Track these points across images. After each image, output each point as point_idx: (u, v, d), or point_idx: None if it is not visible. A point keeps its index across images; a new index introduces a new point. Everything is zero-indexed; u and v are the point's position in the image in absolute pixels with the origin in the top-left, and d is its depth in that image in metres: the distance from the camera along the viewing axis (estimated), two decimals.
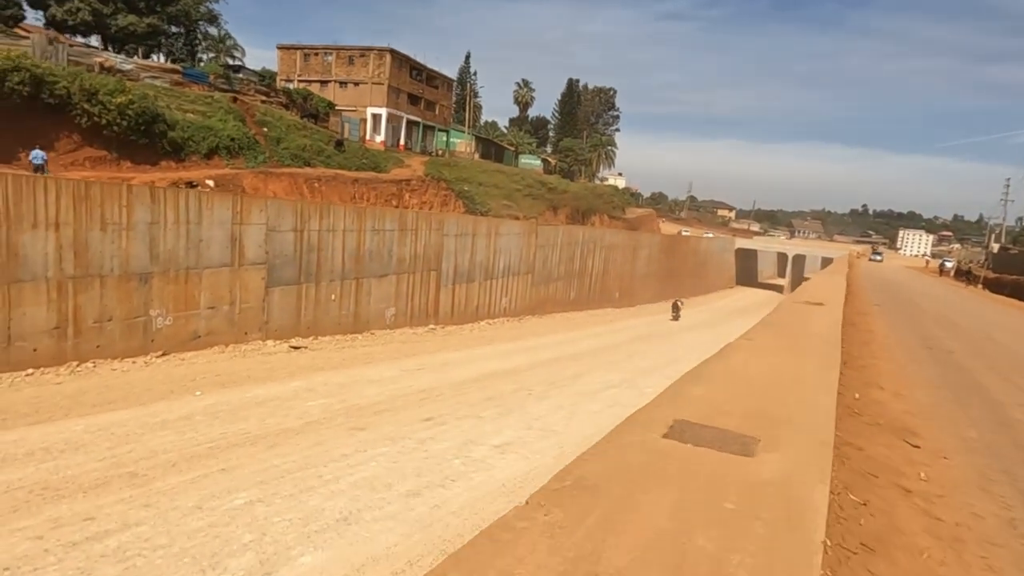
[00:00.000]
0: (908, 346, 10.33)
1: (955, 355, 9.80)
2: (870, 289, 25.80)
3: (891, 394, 6.38)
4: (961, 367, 8.99)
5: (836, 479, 3.56)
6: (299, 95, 42.54)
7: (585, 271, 38.62)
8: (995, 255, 63.69)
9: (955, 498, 3.79)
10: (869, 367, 7.61)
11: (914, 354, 9.50)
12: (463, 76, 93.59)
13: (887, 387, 6.65)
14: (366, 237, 21.09)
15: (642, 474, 2.34)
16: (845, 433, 4.63)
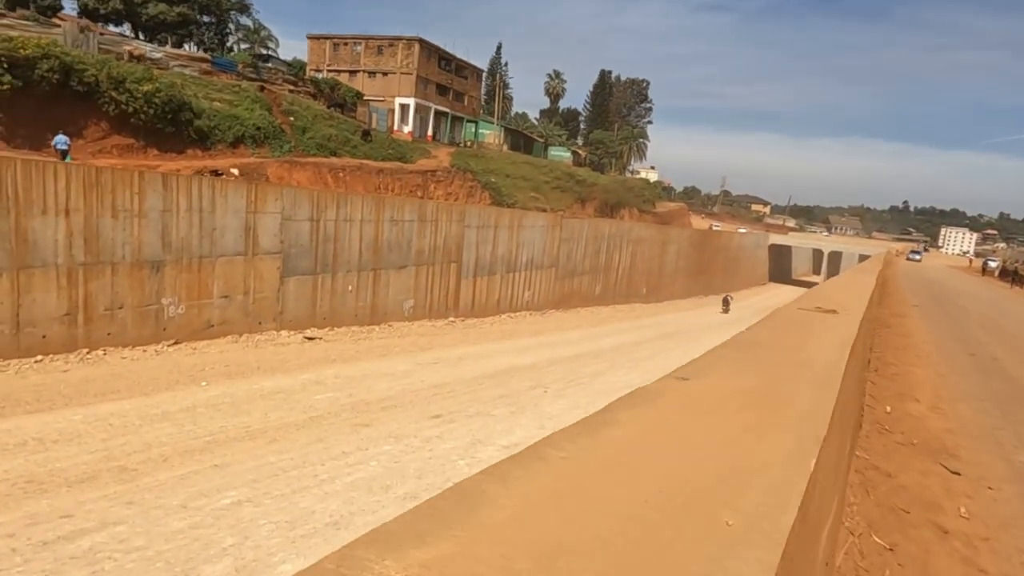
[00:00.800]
0: (948, 351, 9.55)
1: (1001, 363, 9.01)
2: (908, 288, 24.66)
3: (928, 407, 5.73)
4: (1009, 377, 8.23)
5: (858, 516, 3.03)
6: (326, 84, 42.47)
7: (611, 265, 37.88)
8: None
9: (1003, 541, 3.21)
10: (903, 375, 6.94)
11: (955, 361, 8.75)
12: (494, 67, 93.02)
13: (924, 399, 6.00)
14: (384, 227, 20.76)
15: None
16: (872, 455, 4.06)
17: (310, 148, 35.61)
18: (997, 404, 6.37)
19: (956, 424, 5.33)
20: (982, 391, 6.93)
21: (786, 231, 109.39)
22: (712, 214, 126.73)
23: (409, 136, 48.56)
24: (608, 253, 37.51)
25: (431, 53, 51.75)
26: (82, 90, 26.65)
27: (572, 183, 60.54)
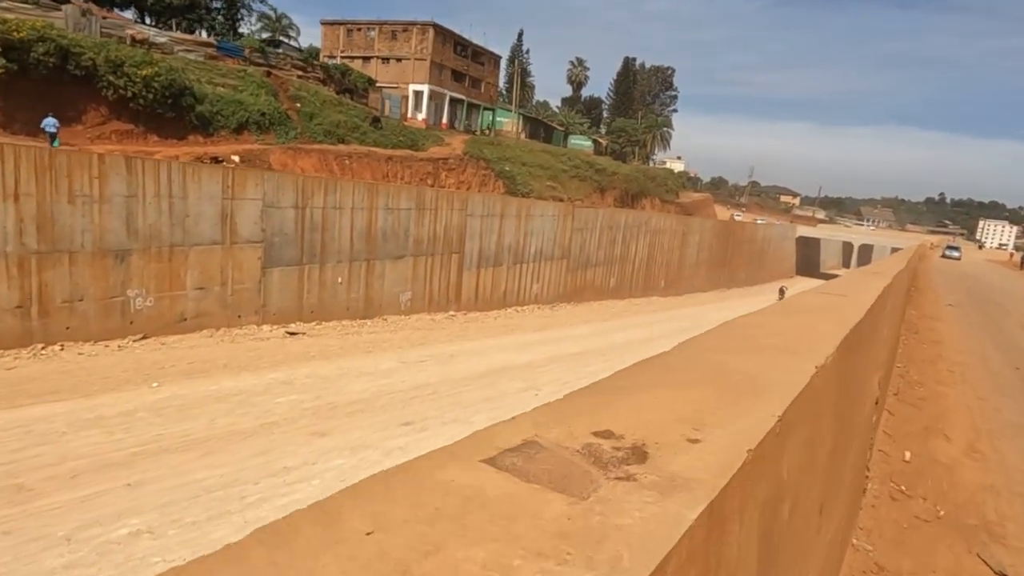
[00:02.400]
0: (988, 363, 8.15)
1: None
2: (943, 285, 22.90)
3: (962, 450, 4.44)
4: None
5: None
6: (337, 70, 41.50)
7: (627, 257, 36.44)
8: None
9: None
10: (932, 399, 5.63)
11: (997, 377, 7.36)
12: (515, 54, 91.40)
13: (957, 435, 4.71)
14: (378, 216, 19.68)
15: None
16: (879, 539, 2.83)
17: (317, 135, 34.68)
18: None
19: (1000, 476, 4.03)
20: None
21: (815, 223, 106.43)
22: (739, 205, 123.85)
23: (423, 123, 47.43)
24: (624, 244, 36.07)
25: (446, 39, 50.49)
26: (80, 74, 25.95)
27: (592, 172, 58.92)
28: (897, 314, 6.37)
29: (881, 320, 2.98)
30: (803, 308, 2.32)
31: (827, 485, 2.04)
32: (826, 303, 2.53)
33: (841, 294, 2.73)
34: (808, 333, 1.93)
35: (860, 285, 2.98)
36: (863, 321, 2.15)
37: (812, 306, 2.43)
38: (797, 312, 2.15)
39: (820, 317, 2.08)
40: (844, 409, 2.22)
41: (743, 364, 1.51)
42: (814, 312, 2.07)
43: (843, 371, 2.00)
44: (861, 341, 2.29)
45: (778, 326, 1.95)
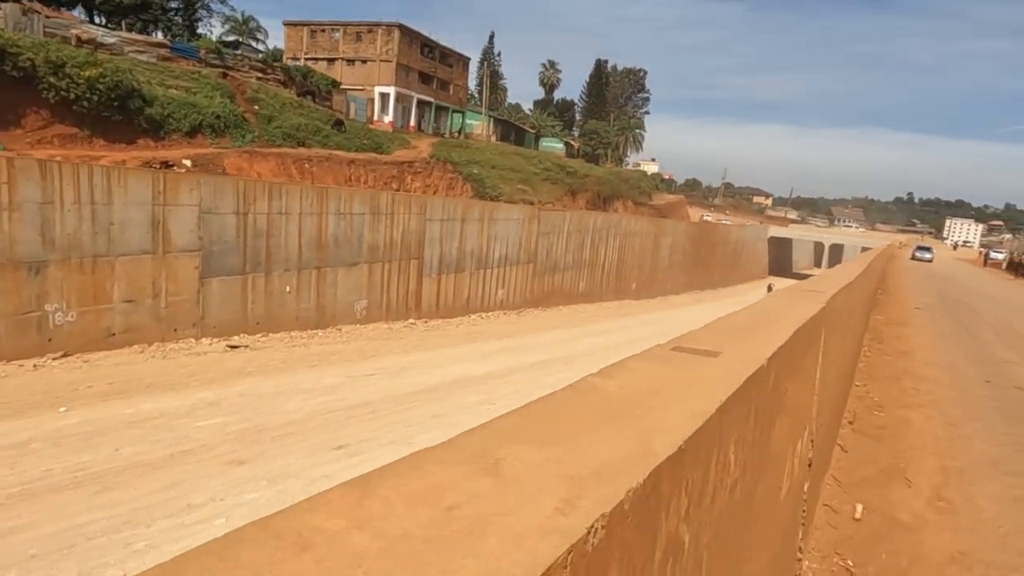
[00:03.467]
0: (959, 377, 7.49)
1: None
2: (911, 285, 22.58)
3: (927, 498, 3.71)
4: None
5: None
6: (298, 72, 40.40)
7: (597, 260, 35.85)
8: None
9: None
10: (893, 427, 4.92)
11: (968, 394, 6.69)
12: (486, 57, 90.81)
13: (921, 478, 3.99)
14: (329, 221, 18.75)
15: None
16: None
17: (276, 138, 33.57)
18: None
19: (973, 539, 3.29)
20: (1010, 453, 4.83)
21: (787, 223, 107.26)
22: (713, 206, 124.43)
23: (390, 126, 46.47)
24: (594, 247, 35.47)
25: (413, 40, 49.58)
26: (18, 75, 24.62)
27: (563, 175, 58.35)
28: (857, 326, 5.70)
29: (806, 357, 2.26)
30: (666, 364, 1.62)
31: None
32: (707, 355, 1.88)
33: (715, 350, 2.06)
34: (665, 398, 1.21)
35: (775, 315, 2.24)
36: (760, 372, 1.44)
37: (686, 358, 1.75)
38: (665, 364, 1.45)
39: (695, 375, 1.35)
40: (744, 493, 1.51)
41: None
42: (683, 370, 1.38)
43: (736, 436, 1.31)
44: (759, 400, 1.60)
45: (625, 390, 1.23)
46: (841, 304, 3.16)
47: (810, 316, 2.21)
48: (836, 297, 2.82)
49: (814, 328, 2.33)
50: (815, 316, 2.28)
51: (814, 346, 2.41)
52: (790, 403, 1.95)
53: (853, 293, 4.13)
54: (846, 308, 3.63)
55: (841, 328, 3.50)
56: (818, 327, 2.45)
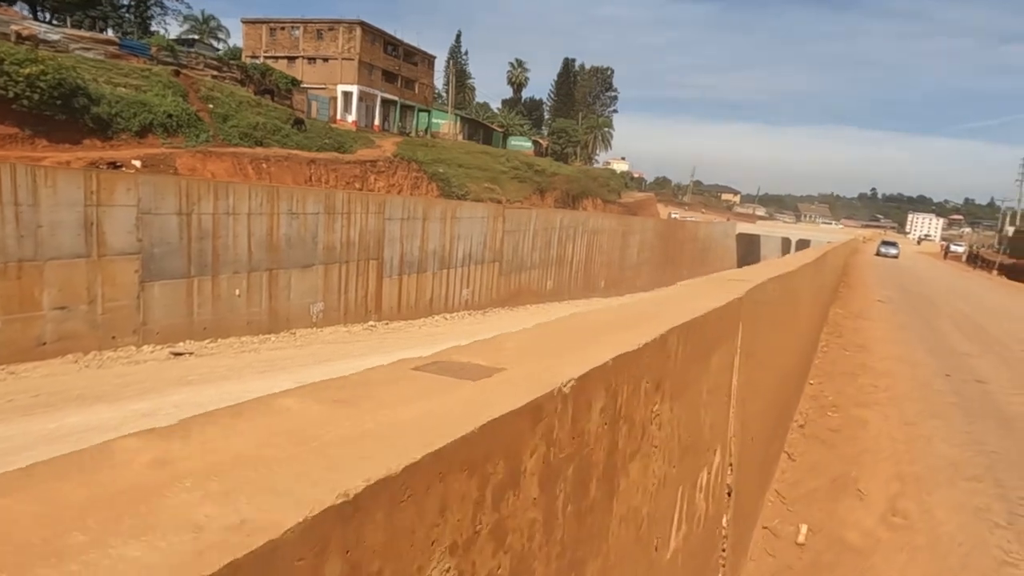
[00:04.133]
0: (919, 373, 7.18)
1: (990, 390, 6.64)
2: (874, 279, 22.60)
3: (881, 513, 3.30)
4: (1004, 417, 5.80)
5: None
6: (256, 70, 39.37)
7: (565, 258, 35.54)
8: (1011, 239, 60.11)
9: None
10: (847, 430, 4.54)
11: (928, 391, 6.35)
12: (453, 55, 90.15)
13: (875, 488, 3.58)
14: (280, 221, 18.05)
15: None
16: None
17: (232, 137, 32.56)
18: (995, 484, 3.94)
19: (931, 561, 2.88)
20: (970, 455, 4.47)
21: (755, 220, 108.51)
22: (682, 204, 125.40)
23: (353, 125, 45.58)
24: (561, 245, 35.16)
25: (375, 38, 48.71)
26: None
27: (531, 173, 58.03)
28: (809, 320, 5.34)
29: (706, 363, 1.81)
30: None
31: None
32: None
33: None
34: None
35: (658, 310, 1.80)
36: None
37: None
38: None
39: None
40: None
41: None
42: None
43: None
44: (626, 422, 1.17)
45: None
46: (776, 295, 2.74)
47: (710, 309, 1.76)
48: (765, 287, 2.38)
49: (723, 324, 1.89)
50: (721, 309, 1.83)
51: (724, 346, 1.96)
52: (673, 430, 1.51)
53: (798, 283, 3.72)
54: (787, 299, 3.21)
55: (781, 322, 3.09)
56: (731, 322, 2.01)
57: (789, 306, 3.38)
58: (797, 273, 3.55)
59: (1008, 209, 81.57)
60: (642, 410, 1.33)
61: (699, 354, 1.74)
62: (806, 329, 4.93)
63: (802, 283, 3.99)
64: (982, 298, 19.77)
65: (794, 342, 3.87)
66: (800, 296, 4.02)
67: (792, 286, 3.34)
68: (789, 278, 3.08)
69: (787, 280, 2.98)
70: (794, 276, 3.33)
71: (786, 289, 3.11)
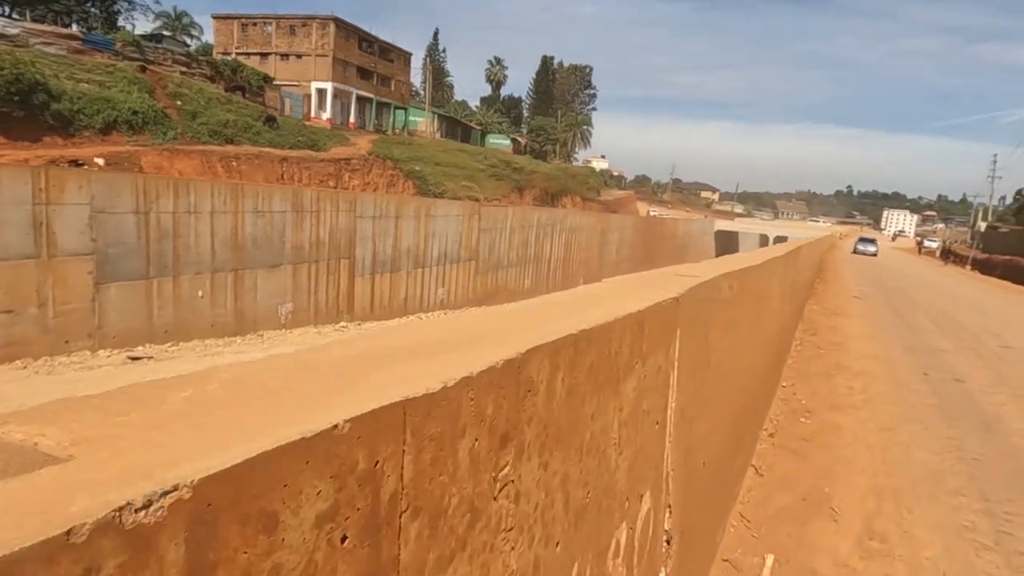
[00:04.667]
0: (896, 372, 6.90)
1: (968, 389, 6.39)
2: (850, 274, 22.55)
3: (856, 537, 2.95)
4: (985, 419, 5.48)
5: None
6: (227, 66, 38.52)
7: (542, 256, 35.23)
8: (983, 234, 60.95)
9: None
10: (820, 438, 4.22)
11: (906, 391, 6.05)
12: (430, 53, 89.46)
13: (849, 507, 3.26)
14: (246, 220, 17.48)
15: None
16: None
17: (201, 135, 31.76)
18: (980, 497, 3.63)
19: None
20: (952, 463, 4.16)
21: (733, 217, 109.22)
22: (661, 201, 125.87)
23: (328, 123, 44.87)
24: (539, 243, 34.84)
25: (350, 34, 47.96)
26: None
27: (509, 171, 57.67)
28: (780, 320, 5.01)
29: (626, 385, 1.41)
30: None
31: None
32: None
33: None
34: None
35: (530, 317, 1.42)
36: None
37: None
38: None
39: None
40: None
41: None
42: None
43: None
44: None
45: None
46: (733, 292, 2.39)
47: (618, 316, 1.38)
48: (716, 284, 1.99)
49: (646, 333, 1.52)
50: (641, 314, 1.45)
51: (650, 362, 1.59)
52: (549, 495, 1.09)
53: (763, 279, 3.37)
54: (748, 297, 2.86)
55: (742, 323, 2.74)
56: (662, 330, 1.64)
57: (752, 305, 3.03)
58: (761, 268, 3.20)
59: (980, 205, 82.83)
60: (467, 484, 0.93)
61: (599, 380, 1.35)
62: (776, 329, 4.61)
63: (769, 279, 3.65)
64: (957, 293, 19.76)
65: (761, 344, 3.53)
66: (767, 293, 3.68)
67: (754, 283, 2.99)
68: (749, 274, 2.73)
69: (747, 276, 2.64)
70: (757, 272, 2.98)
71: (746, 287, 2.76)
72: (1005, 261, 36.78)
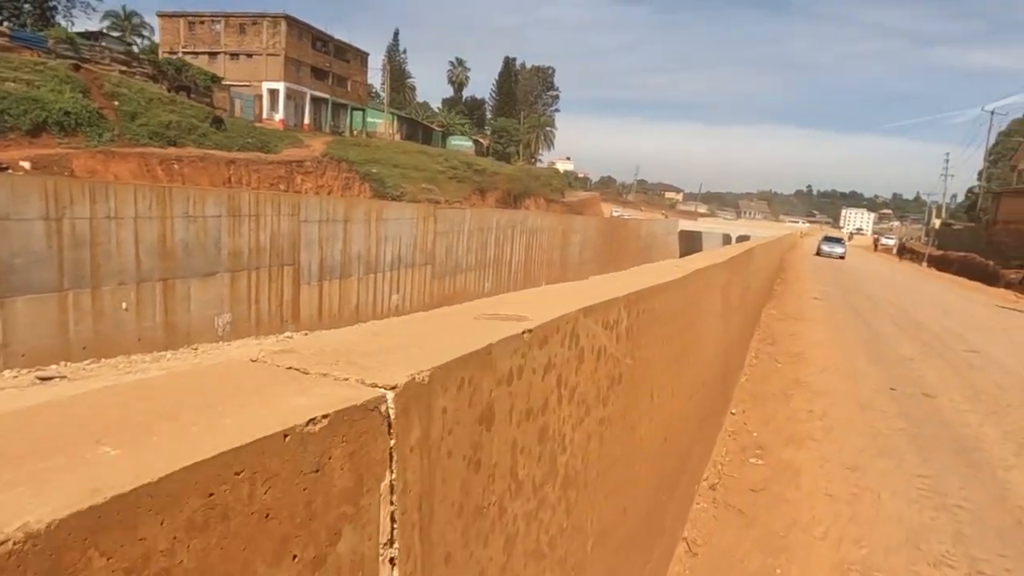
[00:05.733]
0: (862, 388, 6.21)
1: (938, 406, 5.72)
2: (810, 272, 22.24)
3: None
4: (965, 450, 4.77)
5: None
6: (171, 65, 36.90)
7: (503, 259, 34.40)
8: (938, 231, 62.21)
9: None
10: (775, 487, 3.47)
11: (872, 414, 5.34)
12: (391, 54, 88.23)
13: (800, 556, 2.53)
14: (175, 225, 16.30)
15: None
16: None
17: (141, 137, 30.22)
18: (970, 568, 2.89)
19: None
20: (931, 515, 3.43)
21: (696, 217, 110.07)
22: (627, 202, 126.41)
23: (280, 124, 43.47)
24: (499, 245, 34.00)
25: (303, 33, 46.57)
26: None
27: (471, 173, 56.85)
28: (736, 334, 4.31)
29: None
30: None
31: None
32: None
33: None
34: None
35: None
36: None
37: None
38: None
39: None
40: None
41: None
42: None
43: None
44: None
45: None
46: (647, 319, 1.66)
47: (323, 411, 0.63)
48: (552, 333, 1.18)
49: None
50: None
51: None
52: None
53: (691, 296, 2.60)
54: (676, 318, 2.14)
55: (670, 354, 2.01)
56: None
57: (682, 326, 2.30)
58: (684, 284, 2.42)
59: (933, 203, 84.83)
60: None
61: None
62: (721, 349, 3.86)
63: (703, 293, 2.90)
64: (916, 291, 19.55)
65: (694, 375, 2.77)
66: (705, 310, 2.94)
67: (674, 303, 2.22)
68: (660, 295, 1.97)
69: (655, 299, 1.88)
70: (674, 291, 2.21)
71: (670, 308, 2.02)
72: (960, 258, 37.22)
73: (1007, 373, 7.86)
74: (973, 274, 31.61)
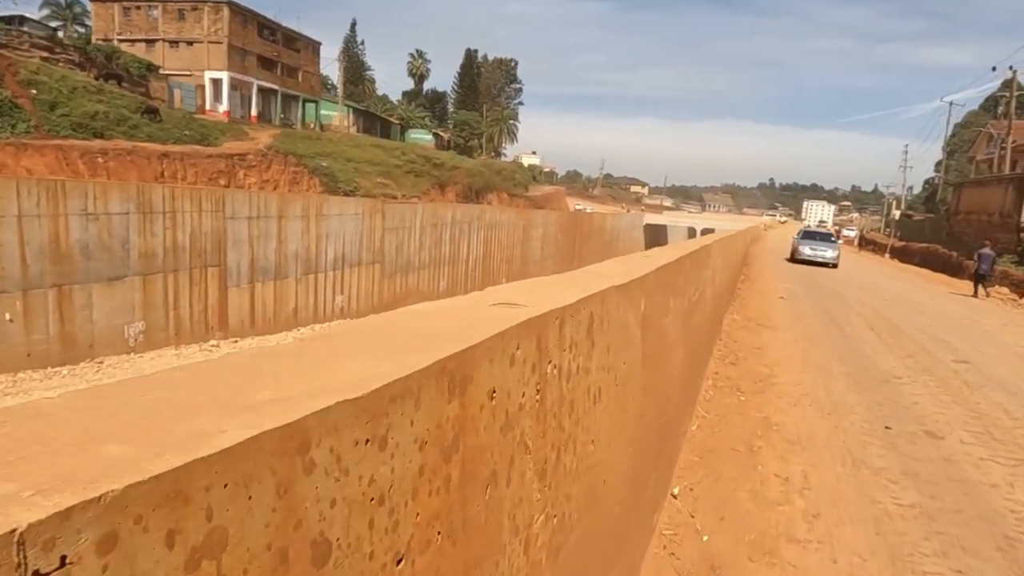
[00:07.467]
0: (847, 431, 4.77)
1: (951, 452, 4.44)
2: (773, 266, 21.18)
3: None
4: (1008, 536, 3.31)
5: None
6: (100, 52, 34.41)
7: (459, 255, 32.86)
8: (898, 222, 62.58)
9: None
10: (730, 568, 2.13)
11: (868, 480, 3.89)
12: (349, 45, 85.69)
13: None
14: (71, 224, 14.41)
15: None
16: None
17: (61, 128, 27.93)
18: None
19: None
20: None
21: (661, 210, 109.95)
22: (593, 196, 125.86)
23: (225, 116, 41.15)
24: (454, 242, 32.45)
25: (247, 19, 44.21)
26: None
27: (429, 167, 55.14)
28: (688, 362, 3.05)
29: None
30: None
31: None
32: None
33: None
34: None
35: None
36: None
37: None
38: None
39: None
40: None
41: None
42: None
43: None
44: None
45: None
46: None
47: None
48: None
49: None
50: None
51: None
52: None
53: (616, 315, 1.39)
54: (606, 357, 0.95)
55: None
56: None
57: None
58: (614, 296, 1.05)
59: (891, 195, 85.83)
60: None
61: None
62: (667, 386, 2.55)
63: (645, 309, 1.65)
64: (884, 287, 18.67)
65: (618, 452, 1.45)
66: (648, 335, 1.67)
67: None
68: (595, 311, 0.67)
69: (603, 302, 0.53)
70: (606, 305, 0.92)
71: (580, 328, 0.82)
72: (922, 249, 36.93)
73: (1011, 394, 6.62)
74: (936, 265, 31.19)
